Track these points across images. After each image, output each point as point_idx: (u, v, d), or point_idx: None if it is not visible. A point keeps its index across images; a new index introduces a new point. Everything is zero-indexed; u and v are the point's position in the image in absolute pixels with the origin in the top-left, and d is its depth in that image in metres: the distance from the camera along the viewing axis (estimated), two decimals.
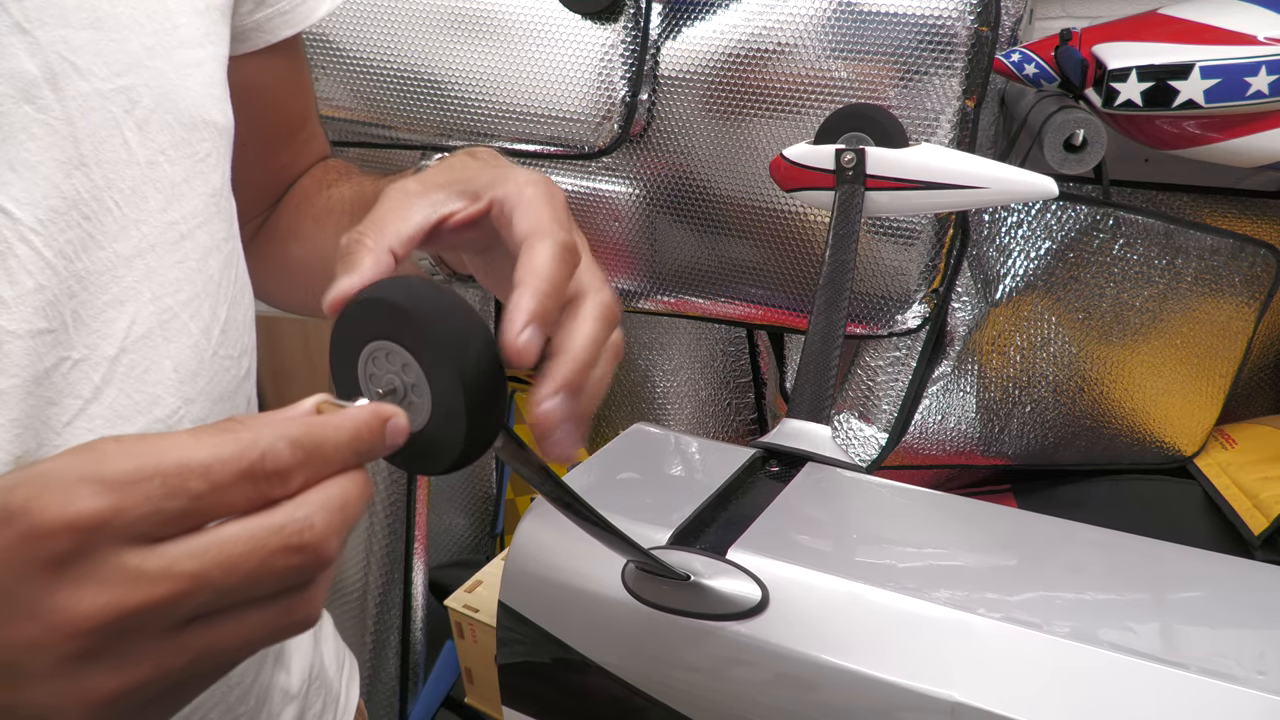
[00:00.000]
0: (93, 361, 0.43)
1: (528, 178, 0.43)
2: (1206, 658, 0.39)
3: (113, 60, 0.43)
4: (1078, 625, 0.41)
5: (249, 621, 0.32)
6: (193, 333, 0.48)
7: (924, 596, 0.43)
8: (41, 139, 0.41)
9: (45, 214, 0.41)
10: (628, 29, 0.88)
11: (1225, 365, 1.02)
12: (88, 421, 0.44)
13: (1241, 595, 0.44)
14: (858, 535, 0.51)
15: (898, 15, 0.80)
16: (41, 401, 0.42)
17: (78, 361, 0.43)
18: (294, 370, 1.50)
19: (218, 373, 0.49)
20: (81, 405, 0.43)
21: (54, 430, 0.43)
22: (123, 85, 0.44)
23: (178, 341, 0.47)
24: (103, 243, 0.43)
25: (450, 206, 0.42)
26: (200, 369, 0.48)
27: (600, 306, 0.41)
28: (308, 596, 0.33)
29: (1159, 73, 0.86)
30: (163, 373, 0.46)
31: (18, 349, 0.41)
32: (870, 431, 0.95)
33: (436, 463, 0.35)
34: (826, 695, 0.42)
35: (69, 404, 0.43)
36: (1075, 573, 0.46)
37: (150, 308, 0.46)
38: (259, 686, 0.54)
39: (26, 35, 0.40)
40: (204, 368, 0.49)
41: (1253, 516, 0.95)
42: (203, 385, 0.48)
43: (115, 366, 0.44)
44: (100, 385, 0.44)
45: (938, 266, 0.87)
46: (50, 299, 0.42)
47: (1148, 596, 0.44)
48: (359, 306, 0.35)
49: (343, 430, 0.33)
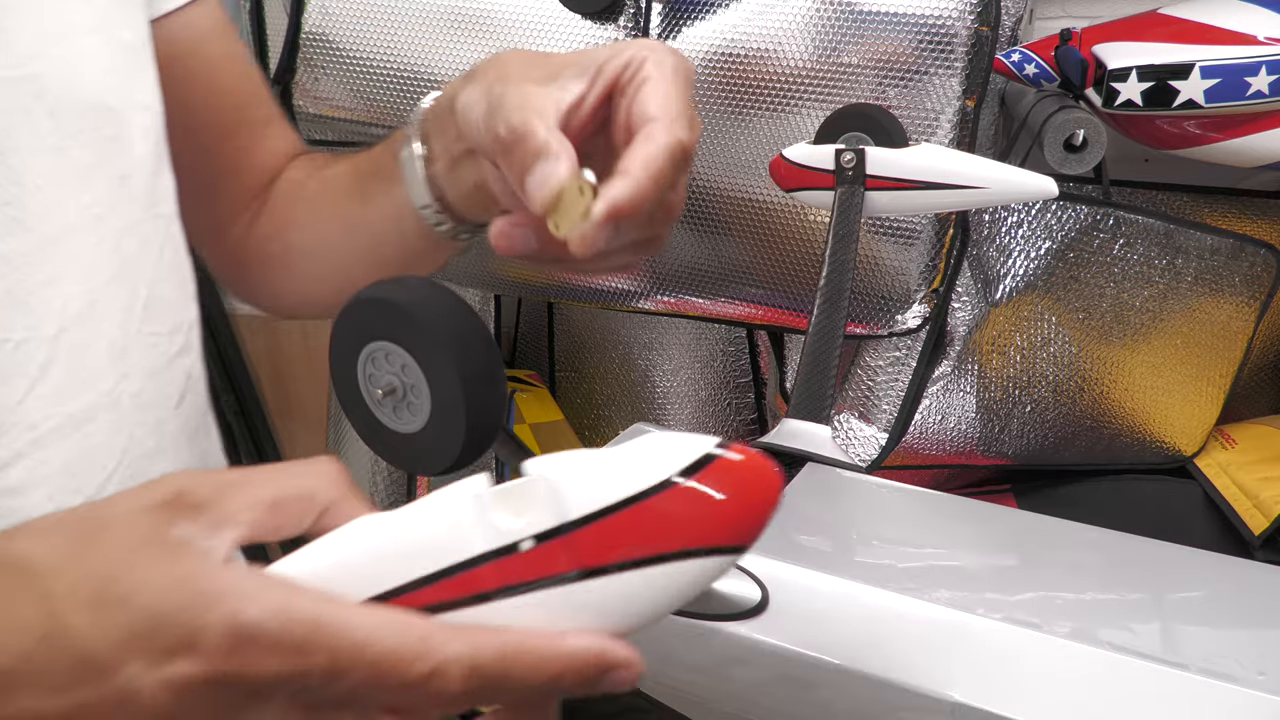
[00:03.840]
0: (35, 341, 0.45)
1: (661, 43, 0.42)
2: (1206, 658, 0.39)
3: (13, 48, 0.44)
4: (1077, 625, 0.41)
5: None
6: (116, 311, 0.49)
7: (924, 596, 0.43)
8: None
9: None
10: (628, 29, 0.88)
11: (1225, 365, 1.01)
12: (36, 400, 0.45)
13: (1241, 595, 0.44)
14: (858, 535, 0.51)
15: (897, 15, 0.80)
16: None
17: (20, 342, 0.44)
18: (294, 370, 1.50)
19: (146, 349, 0.50)
20: (29, 385, 0.44)
21: (8, 409, 0.44)
22: (28, 73, 0.44)
23: (107, 320, 0.48)
24: (29, 225, 0.44)
25: (577, 92, 0.41)
26: (129, 346, 0.49)
27: (672, 144, 0.39)
28: None
29: (1159, 73, 0.86)
30: (98, 350, 0.48)
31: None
32: (870, 431, 0.95)
33: (436, 463, 0.35)
34: (826, 695, 0.42)
35: (17, 383, 0.44)
36: (1075, 573, 0.46)
37: (79, 287, 0.47)
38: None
39: None
40: (132, 344, 0.50)
41: (1253, 516, 0.95)
42: (134, 361, 0.49)
43: (57, 345, 0.46)
44: (45, 364, 0.45)
45: (938, 266, 0.87)
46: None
47: (1148, 596, 0.44)
48: (359, 307, 0.35)
49: (545, 668, 0.29)
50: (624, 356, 1.17)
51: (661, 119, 0.39)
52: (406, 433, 0.35)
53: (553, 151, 0.39)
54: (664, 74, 0.40)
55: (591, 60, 0.43)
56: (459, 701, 0.29)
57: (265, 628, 0.28)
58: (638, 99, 0.40)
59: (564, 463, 0.29)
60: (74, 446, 0.46)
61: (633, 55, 0.42)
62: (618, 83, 0.42)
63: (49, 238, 0.45)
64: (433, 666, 0.28)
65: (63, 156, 0.46)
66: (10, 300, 0.44)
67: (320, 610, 0.29)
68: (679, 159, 0.39)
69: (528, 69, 0.44)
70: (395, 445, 0.36)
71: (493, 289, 1.11)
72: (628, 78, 0.41)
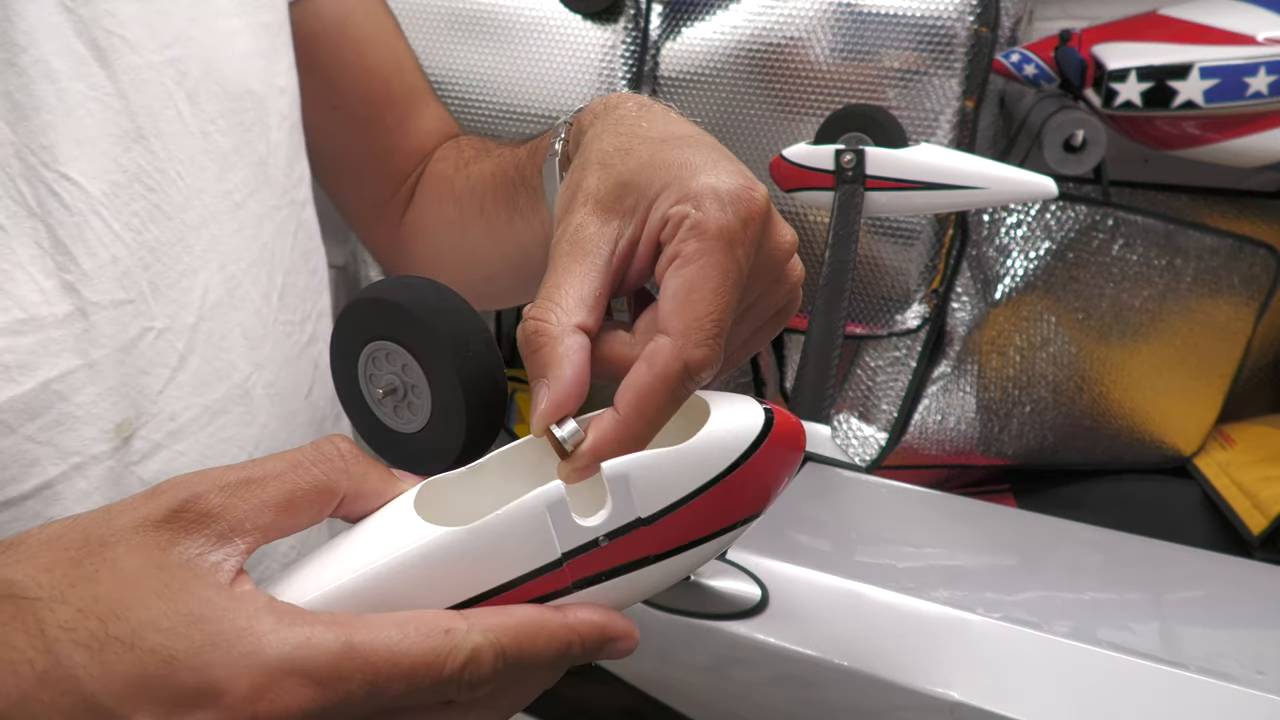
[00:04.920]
0: (176, 330, 0.44)
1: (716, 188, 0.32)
2: (1205, 657, 0.39)
3: (160, 32, 0.44)
4: (1077, 625, 0.41)
5: None
6: (255, 299, 0.49)
7: (924, 596, 0.43)
8: (96, 114, 0.41)
9: (109, 186, 0.42)
10: (628, 29, 0.88)
11: (1224, 365, 1.01)
12: (177, 389, 0.45)
13: (1241, 595, 0.44)
14: (858, 535, 0.51)
15: (897, 16, 0.80)
16: (133, 370, 0.43)
17: (162, 331, 0.44)
18: None
19: (280, 338, 0.50)
20: (170, 373, 0.44)
21: (149, 398, 0.44)
22: (171, 57, 0.44)
23: (244, 309, 0.48)
24: (170, 213, 0.44)
25: (628, 237, 0.33)
26: (265, 335, 0.49)
27: (674, 373, 0.31)
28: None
29: (1158, 73, 0.86)
30: (234, 340, 0.47)
31: (104, 319, 0.42)
32: (870, 431, 0.95)
33: (436, 462, 0.35)
34: (826, 694, 0.42)
35: (159, 373, 0.44)
36: (1074, 573, 0.46)
37: (218, 275, 0.46)
38: None
39: (71, 14, 0.41)
40: (268, 333, 0.49)
41: (1252, 516, 0.95)
42: (269, 351, 0.49)
43: (195, 334, 0.45)
44: (184, 353, 0.45)
45: (937, 266, 0.87)
46: (125, 270, 0.42)
47: (1147, 596, 0.44)
48: (359, 307, 0.35)
49: (557, 642, 0.30)
50: None
51: (673, 334, 0.31)
52: (407, 432, 0.36)
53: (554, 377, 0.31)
54: (704, 247, 0.31)
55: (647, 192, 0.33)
56: (490, 683, 0.29)
57: (292, 663, 0.27)
58: (665, 287, 0.32)
59: (636, 462, 0.30)
60: (209, 438, 0.46)
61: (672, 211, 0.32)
62: (659, 240, 0.33)
63: (189, 226, 0.45)
64: (464, 659, 0.28)
65: (207, 141, 0.45)
66: (153, 290, 0.43)
67: (343, 633, 0.28)
68: (683, 384, 0.31)
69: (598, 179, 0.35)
70: (395, 445, 0.36)
71: None
72: (667, 236, 0.33)
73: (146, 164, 0.43)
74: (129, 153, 0.42)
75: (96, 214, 0.41)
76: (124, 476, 0.43)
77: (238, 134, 0.47)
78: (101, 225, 0.41)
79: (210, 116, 0.46)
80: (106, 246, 0.41)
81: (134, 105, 0.42)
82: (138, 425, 0.43)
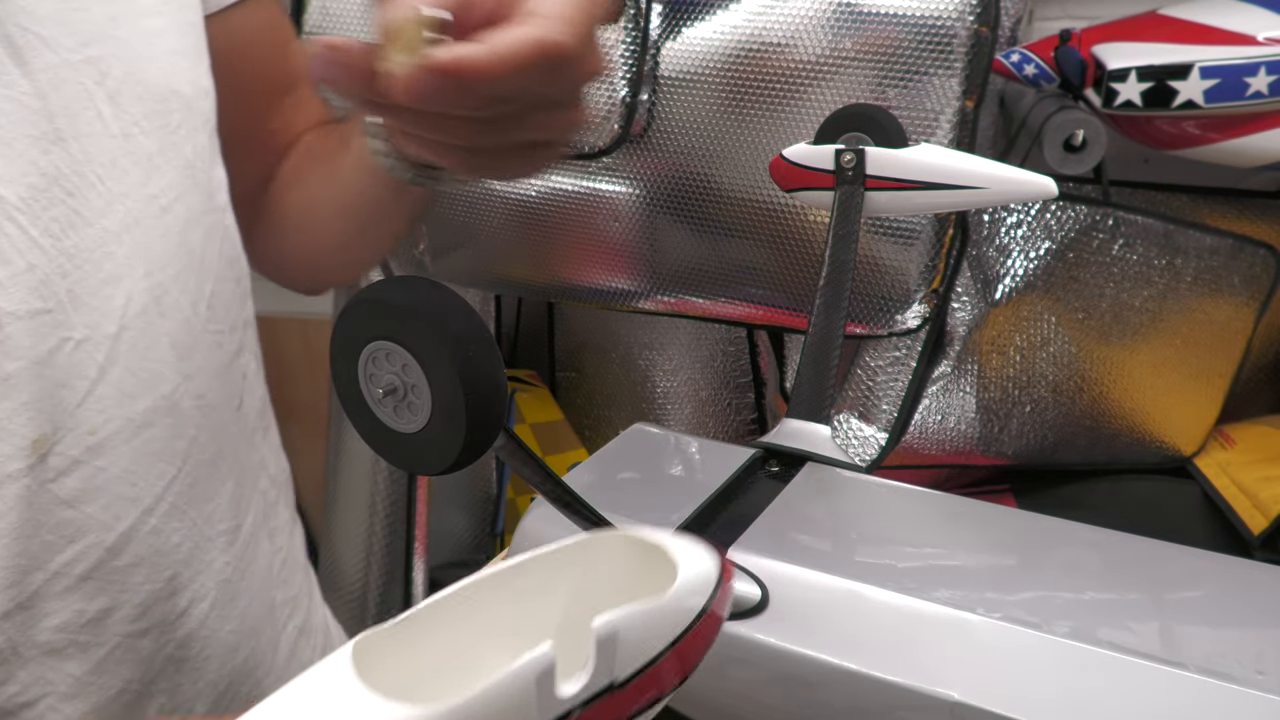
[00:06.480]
0: (95, 340, 0.43)
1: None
2: (1206, 657, 0.39)
3: (78, 30, 0.42)
4: (1077, 625, 0.41)
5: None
6: (184, 308, 0.47)
7: (923, 596, 0.43)
8: (12, 114, 0.40)
9: (26, 191, 0.40)
10: (628, 29, 0.88)
11: (1225, 365, 1.01)
12: (97, 402, 0.43)
13: (1241, 595, 0.44)
14: (857, 535, 0.51)
15: (897, 15, 0.80)
16: (50, 384, 0.41)
17: (80, 341, 0.42)
18: (294, 370, 1.50)
19: (211, 348, 0.49)
20: (89, 385, 0.43)
21: (67, 412, 0.42)
22: (91, 56, 0.42)
23: (172, 317, 0.46)
24: (90, 219, 0.42)
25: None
26: (195, 344, 0.48)
27: (544, 40, 0.35)
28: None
29: (1158, 73, 0.86)
30: (161, 350, 0.46)
31: (18, 330, 0.40)
32: (870, 431, 0.95)
33: (436, 463, 0.35)
34: (826, 695, 0.42)
35: (77, 385, 0.42)
36: (1074, 572, 0.46)
37: (143, 283, 0.45)
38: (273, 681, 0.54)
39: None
40: (198, 343, 0.48)
41: (1252, 516, 0.95)
42: (199, 361, 0.48)
43: (118, 344, 0.44)
44: (105, 364, 0.43)
45: (937, 266, 0.87)
46: (42, 278, 0.41)
47: (1147, 596, 0.44)
48: (359, 307, 0.35)
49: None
50: (624, 356, 1.17)
51: (545, 15, 0.35)
52: (407, 432, 0.36)
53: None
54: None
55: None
56: None
57: None
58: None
59: (625, 618, 0.27)
60: (133, 453, 0.44)
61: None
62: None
63: (111, 232, 0.43)
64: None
65: (130, 143, 0.44)
66: (71, 298, 0.42)
67: None
68: (548, 57, 0.35)
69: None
70: (395, 445, 0.36)
71: (493, 289, 1.11)
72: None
73: (66, 167, 0.41)
74: (47, 155, 0.41)
75: (12, 220, 0.39)
76: (39, 495, 0.41)
77: (162, 136, 0.46)
78: (17, 231, 0.40)
79: (134, 118, 0.44)
80: (23, 254, 0.40)
81: (52, 106, 0.41)
82: (54, 441, 0.41)
